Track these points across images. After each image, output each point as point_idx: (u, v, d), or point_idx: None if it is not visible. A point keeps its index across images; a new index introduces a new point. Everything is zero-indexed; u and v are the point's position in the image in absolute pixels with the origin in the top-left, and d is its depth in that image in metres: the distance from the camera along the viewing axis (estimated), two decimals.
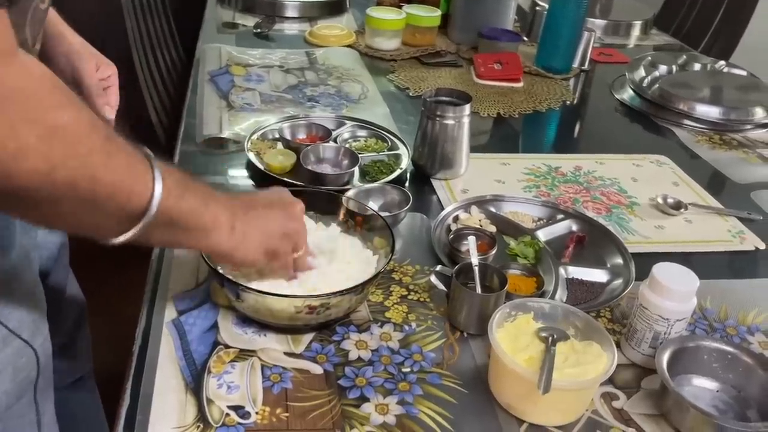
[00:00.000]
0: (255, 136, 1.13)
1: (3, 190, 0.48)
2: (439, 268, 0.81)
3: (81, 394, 1.13)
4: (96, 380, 1.17)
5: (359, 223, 0.85)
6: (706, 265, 0.95)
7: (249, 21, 1.73)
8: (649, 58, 1.62)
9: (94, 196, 0.51)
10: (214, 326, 0.75)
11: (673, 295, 0.71)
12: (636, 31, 1.99)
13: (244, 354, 0.72)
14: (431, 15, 1.65)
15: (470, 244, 0.84)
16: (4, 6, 0.46)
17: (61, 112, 0.48)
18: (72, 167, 0.49)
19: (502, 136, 1.32)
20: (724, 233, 1.03)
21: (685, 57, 1.65)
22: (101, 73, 0.94)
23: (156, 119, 1.46)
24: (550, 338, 0.69)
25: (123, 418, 0.64)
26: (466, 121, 1.06)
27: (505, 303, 0.74)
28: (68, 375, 1.08)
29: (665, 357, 0.70)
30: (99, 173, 0.51)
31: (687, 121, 1.40)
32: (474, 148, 1.13)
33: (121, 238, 0.57)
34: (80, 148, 0.50)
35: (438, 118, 1.05)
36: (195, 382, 0.68)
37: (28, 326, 0.73)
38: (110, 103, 0.95)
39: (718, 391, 0.72)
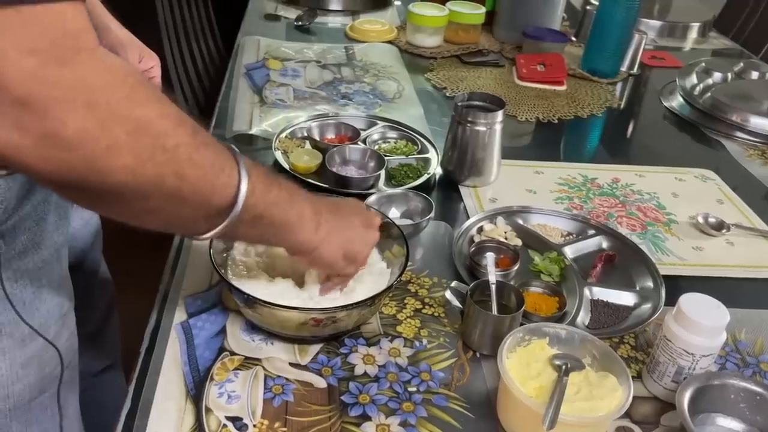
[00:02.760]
0: (284, 135, 1.11)
1: (96, 187, 0.48)
2: (454, 284, 0.78)
3: (109, 382, 1.15)
4: (125, 364, 1.18)
5: None
6: (745, 292, 0.90)
7: (291, 13, 1.72)
8: (703, 64, 1.54)
9: (180, 191, 0.52)
10: (222, 331, 0.74)
11: (700, 330, 0.67)
12: (693, 34, 1.90)
13: (248, 362, 0.71)
14: (475, 12, 1.60)
15: (488, 260, 0.80)
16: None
17: (148, 107, 0.48)
18: (160, 162, 0.49)
19: (539, 142, 1.28)
20: None
21: (742, 64, 1.56)
22: (144, 64, 0.95)
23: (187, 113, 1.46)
24: (564, 367, 0.66)
25: (122, 422, 0.63)
26: (498, 127, 1.02)
27: (521, 325, 0.71)
28: (97, 363, 1.10)
29: (687, 395, 0.65)
30: (185, 168, 0.51)
31: (739, 134, 1.33)
32: (508, 154, 1.09)
33: (209, 234, 0.58)
34: (167, 142, 0.50)
35: (469, 124, 1.02)
36: (196, 390, 0.67)
37: (54, 323, 0.73)
38: None
39: None
